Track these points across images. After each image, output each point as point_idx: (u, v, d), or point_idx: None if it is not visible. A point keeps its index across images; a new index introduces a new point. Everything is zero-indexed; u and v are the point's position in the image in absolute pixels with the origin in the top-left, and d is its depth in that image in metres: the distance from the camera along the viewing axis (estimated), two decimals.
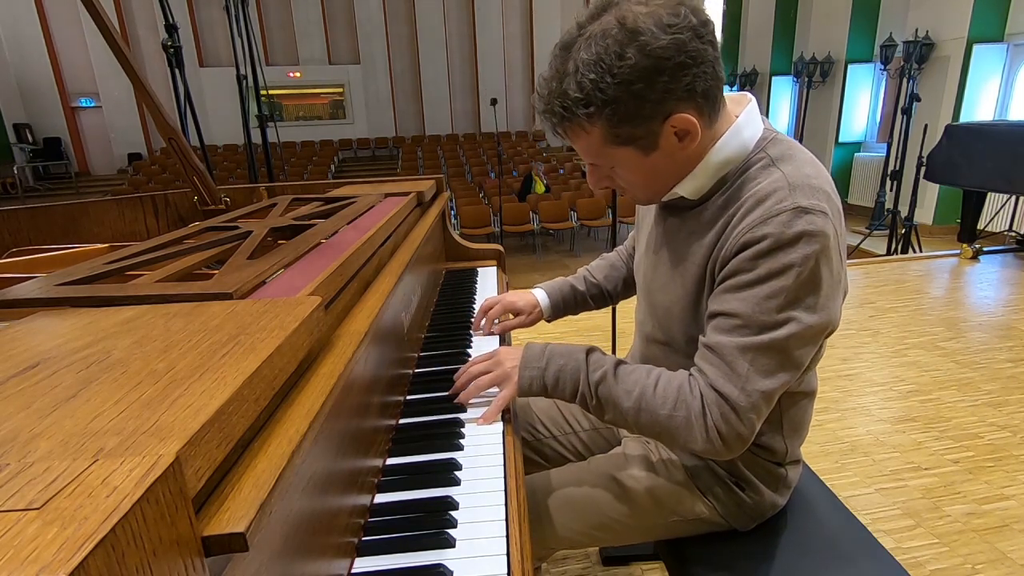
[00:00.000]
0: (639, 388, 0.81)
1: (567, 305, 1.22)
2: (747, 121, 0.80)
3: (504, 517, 0.71)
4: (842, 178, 8.48)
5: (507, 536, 0.68)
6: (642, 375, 0.82)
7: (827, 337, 0.81)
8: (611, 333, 2.67)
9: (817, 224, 0.71)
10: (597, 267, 1.25)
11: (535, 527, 0.93)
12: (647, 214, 1.00)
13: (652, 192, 0.86)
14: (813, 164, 0.79)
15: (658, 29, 0.68)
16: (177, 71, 2.94)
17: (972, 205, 4.36)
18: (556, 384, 0.87)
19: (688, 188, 0.83)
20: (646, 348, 1.00)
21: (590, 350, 0.88)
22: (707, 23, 0.72)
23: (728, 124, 0.80)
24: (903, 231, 5.38)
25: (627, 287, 1.23)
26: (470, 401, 0.94)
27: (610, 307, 1.30)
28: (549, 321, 1.24)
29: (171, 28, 2.88)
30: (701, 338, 0.80)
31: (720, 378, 0.75)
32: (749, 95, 0.84)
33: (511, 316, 1.22)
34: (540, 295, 1.21)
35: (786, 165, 0.77)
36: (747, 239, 0.74)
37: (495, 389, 0.92)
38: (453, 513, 0.71)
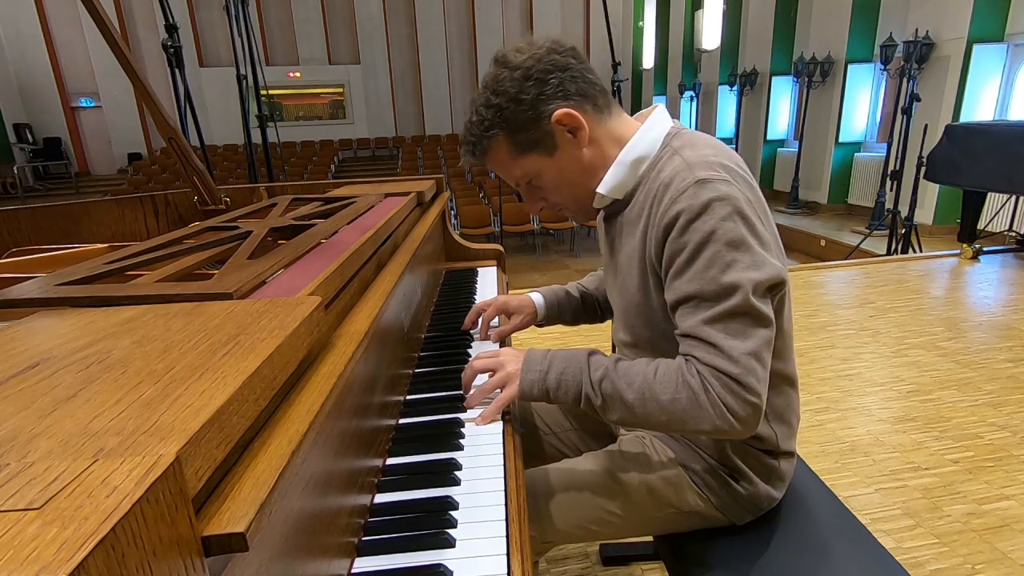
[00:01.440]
0: (640, 378, 0.82)
1: (561, 308, 1.23)
2: (654, 123, 0.91)
3: (504, 517, 0.71)
4: (842, 178, 8.47)
5: (507, 536, 0.68)
6: (642, 365, 0.84)
7: (782, 292, 0.84)
8: (611, 334, 2.67)
9: (721, 189, 0.78)
10: (587, 280, 1.28)
11: (532, 522, 0.94)
12: (600, 228, 1.06)
13: (578, 198, 0.94)
14: (713, 147, 0.86)
15: (518, 53, 0.86)
16: (177, 71, 2.95)
17: (972, 205, 4.35)
18: (559, 387, 0.87)
19: (608, 186, 0.91)
20: (622, 355, 1.02)
21: (591, 352, 0.88)
22: (563, 43, 0.88)
23: (636, 129, 0.91)
24: (903, 231, 5.37)
25: None
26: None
27: None
28: (541, 325, 1.24)
29: (171, 28, 2.89)
30: (676, 332, 0.83)
31: (706, 356, 0.77)
32: (659, 105, 0.96)
33: (506, 318, 1.22)
34: (535, 296, 1.22)
35: (686, 151, 0.85)
36: (666, 223, 0.81)
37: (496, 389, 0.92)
38: (453, 513, 0.71)
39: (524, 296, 1.22)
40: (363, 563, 0.65)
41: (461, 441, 0.85)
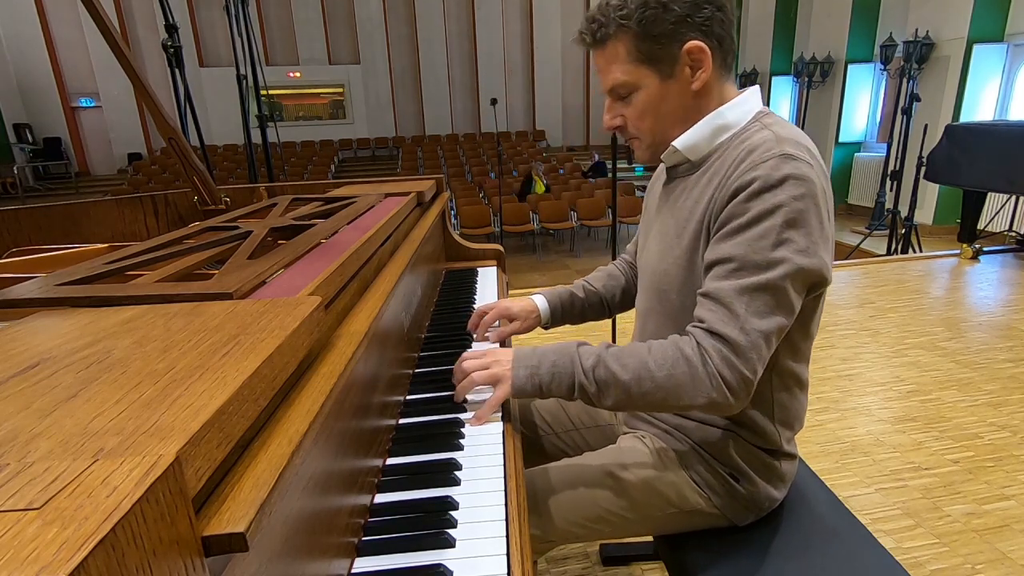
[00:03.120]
0: (635, 359, 0.82)
1: (566, 311, 1.21)
2: (748, 98, 0.91)
3: (504, 517, 0.71)
4: (842, 178, 8.47)
5: (507, 536, 0.68)
6: (636, 347, 0.84)
7: (820, 292, 0.84)
8: (611, 333, 2.67)
9: (802, 170, 0.78)
10: (595, 277, 1.26)
11: (533, 521, 0.93)
12: (652, 197, 1.06)
13: (656, 135, 0.92)
14: (801, 133, 0.87)
15: None
16: (177, 71, 2.94)
17: (972, 205, 4.35)
18: (551, 380, 0.86)
19: (686, 142, 0.90)
20: (643, 324, 1.02)
21: (580, 343, 0.88)
22: None
23: (734, 96, 0.90)
24: (903, 231, 5.37)
25: (625, 297, 1.23)
26: (471, 401, 0.94)
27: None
28: (546, 328, 1.23)
29: (171, 28, 2.88)
30: (699, 290, 0.82)
31: (718, 321, 0.77)
32: (755, 86, 0.94)
33: (507, 322, 1.22)
34: (538, 300, 1.20)
35: (777, 128, 0.85)
36: (738, 185, 0.80)
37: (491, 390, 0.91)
38: (453, 513, 0.71)
39: (527, 300, 1.21)
40: (363, 563, 0.65)
41: (461, 441, 0.85)
